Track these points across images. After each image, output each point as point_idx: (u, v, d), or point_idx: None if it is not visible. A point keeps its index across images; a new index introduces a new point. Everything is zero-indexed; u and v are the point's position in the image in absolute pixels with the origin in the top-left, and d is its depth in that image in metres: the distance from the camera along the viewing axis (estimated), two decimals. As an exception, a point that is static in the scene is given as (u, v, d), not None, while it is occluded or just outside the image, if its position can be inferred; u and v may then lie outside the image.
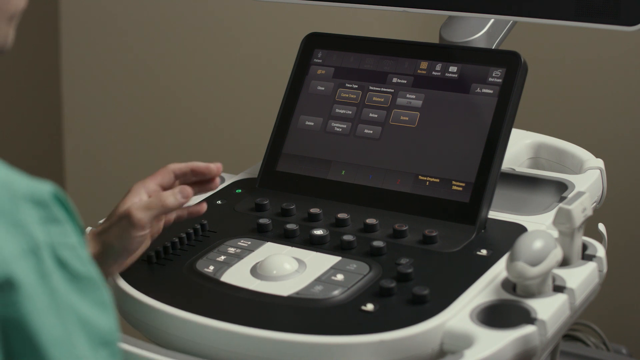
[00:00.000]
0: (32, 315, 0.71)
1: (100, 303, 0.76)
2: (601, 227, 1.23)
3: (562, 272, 1.11)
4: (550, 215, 1.24)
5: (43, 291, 0.72)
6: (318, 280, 1.14)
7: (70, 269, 0.74)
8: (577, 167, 1.41)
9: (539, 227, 1.23)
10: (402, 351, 1.03)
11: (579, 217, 1.11)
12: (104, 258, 1.13)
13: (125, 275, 1.19)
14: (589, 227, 1.16)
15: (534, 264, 1.04)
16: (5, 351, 0.71)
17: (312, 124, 1.39)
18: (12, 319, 0.71)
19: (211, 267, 1.19)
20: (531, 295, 1.07)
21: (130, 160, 2.55)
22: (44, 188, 0.74)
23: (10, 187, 0.73)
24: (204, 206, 1.23)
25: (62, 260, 0.74)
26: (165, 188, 1.19)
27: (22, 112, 2.57)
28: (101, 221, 1.19)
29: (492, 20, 1.43)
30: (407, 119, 1.33)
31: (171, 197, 1.15)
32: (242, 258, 1.20)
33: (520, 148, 1.47)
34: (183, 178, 1.21)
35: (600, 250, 1.17)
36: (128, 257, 1.15)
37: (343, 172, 1.34)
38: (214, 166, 1.21)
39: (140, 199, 1.15)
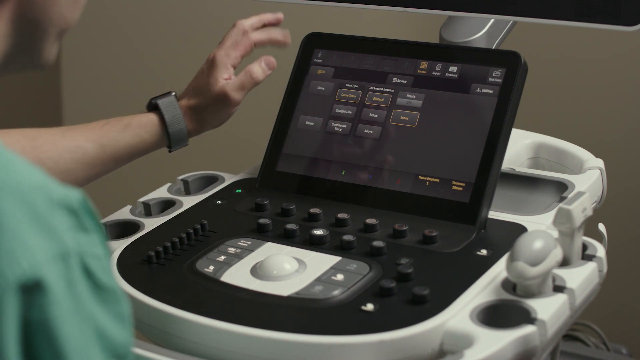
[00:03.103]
0: (56, 320, 0.72)
1: (119, 316, 0.76)
2: (601, 227, 1.23)
3: (562, 272, 1.11)
4: (550, 215, 1.24)
5: (68, 297, 0.72)
6: (318, 280, 1.14)
7: (95, 279, 0.75)
8: (577, 167, 1.41)
9: (539, 227, 1.23)
10: (402, 351, 1.03)
11: (579, 217, 1.11)
12: (200, 131, 1.32)
13: (125, 275, 1.19)
14: (589, 227, 1.16)
15: (534, 264, 1.04)
16: (26, 353, 0.71)
17: (312, 124, 1.38)
18: (37, 322, 0.71)
19: (211, 267, 1.19)
20: (531, 295, 1.07)
21: (130, 160, 2.55)
22: (75, 196, 0.75)
23: (48, 192, 0.73)
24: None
25: (88, 269, 0.74)
26: (245, 53, 1.34)
27: (22, 112, 2.56)
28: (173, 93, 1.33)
29: (492, 20, 1.43)
30: (407, 119, 1.33)
31: (259, 71, 1.33)
32: (242, 258, 1.20)
33: (520, 148, 1.47)
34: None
35: (600, 250, 1.16)
36: (221, 124, 1.33)
37: (343, 172, 1.34)
38: (279, 14, 1.37)
39: (229, 75, 1.30)
